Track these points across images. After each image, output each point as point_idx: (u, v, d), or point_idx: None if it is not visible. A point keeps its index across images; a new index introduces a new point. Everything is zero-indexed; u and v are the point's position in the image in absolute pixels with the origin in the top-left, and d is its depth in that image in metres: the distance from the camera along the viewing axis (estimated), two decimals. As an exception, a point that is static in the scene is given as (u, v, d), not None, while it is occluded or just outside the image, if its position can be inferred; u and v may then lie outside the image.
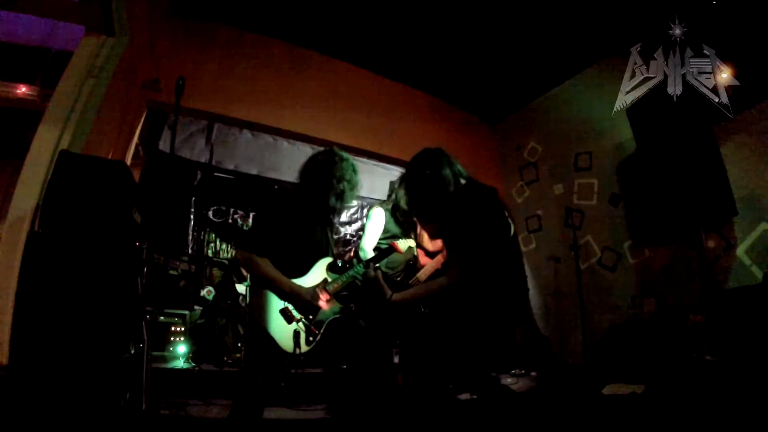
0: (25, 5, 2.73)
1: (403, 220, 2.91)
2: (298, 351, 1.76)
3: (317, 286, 1.91)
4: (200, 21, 3.87)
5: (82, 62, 2.66)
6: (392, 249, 2.29)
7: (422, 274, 2.96)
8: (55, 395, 1.70)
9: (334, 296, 1.96)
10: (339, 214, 2.11)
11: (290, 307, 1.81)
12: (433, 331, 1.98)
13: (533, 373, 4.23)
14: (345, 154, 2.11)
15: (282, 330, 1.77)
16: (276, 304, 1.81)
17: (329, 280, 1.97)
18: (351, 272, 2.02)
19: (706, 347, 2.92)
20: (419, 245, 3.14)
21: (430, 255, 3.20)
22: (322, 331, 1.84)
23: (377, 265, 2.11)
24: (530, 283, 4.89)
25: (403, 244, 2.30)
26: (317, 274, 1.95)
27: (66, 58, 2.74)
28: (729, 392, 2.44)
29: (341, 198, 2.03)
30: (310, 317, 1.83)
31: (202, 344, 3.62)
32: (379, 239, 2.80)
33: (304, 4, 3.78)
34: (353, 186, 2.06)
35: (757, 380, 2.34)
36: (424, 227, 3.53)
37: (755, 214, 3.02)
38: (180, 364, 3.38)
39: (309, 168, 2.07)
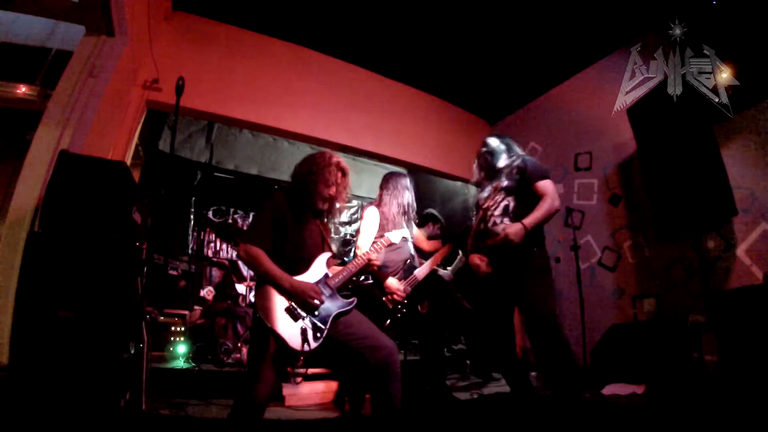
0: (25, 5, 2.73)
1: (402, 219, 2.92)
2: (306, 347, 1.76)
3: (318, 282, 1.92)
4: (200, 20, 3.87)
5: (82, 62, 2.65)
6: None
7: (420, 273, 2.97)
8: (55, 395, 1.70)
9: (336, 291, 1.96)
10: (332, 213, 2.11)
11: (294, 304, 1.82)
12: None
13: (533, 373, 4.23)
14: (336, 158, 2.10)
15: (289, 328, 1.77)
16: (281, 303, 1.81)
17: (330, 275, 1.98)
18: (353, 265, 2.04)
19: (706, 347, 2.92)
20: (416, 246, 3.15)
21: (426, 256, 3.22)
22: (328, 326, 1.85)
23: None
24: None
25: (395, 235, 2.30)
26: (318, 270, 1.96)
27: (66, 58, 2.74)
28: (729, 393, 2.44)
29: (329, 200, 2.04)
30: (315, 313, 1.84)
31: (203, 344, 3.63)
32: (375, 237, 2.80)
33: (304, 4, 3.78)
34: (341, 190, 2.07)
35: (757, 381, 2.34)
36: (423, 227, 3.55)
37: (755, 214, 3.01)
38: (180, 364, 3.38)
39: (300, 168, 2.08)
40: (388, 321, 2.78)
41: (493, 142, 2.57)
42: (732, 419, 2.09)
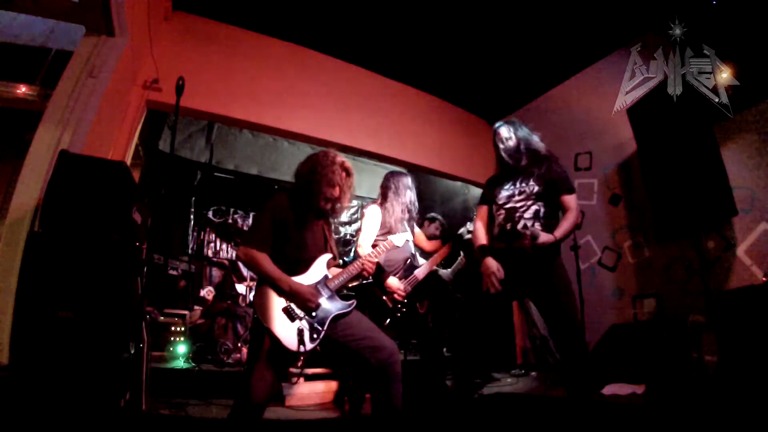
0: (25, 5, 2.73)
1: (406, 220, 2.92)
2: (302, 348, 1.76)
3: (318, 283, 1.92)
4: (200, 20, 3.87)
5: (82, 62, 2.65)
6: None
7: (420, 272, 2.97)
8: (55, 395, 1.70)
9: (336, 292, 1.96)
10: (334, 213, 2.09)
11: (292, 305, 1.82)
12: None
13: (533, 373, 4.23)
14: (340, 158, 2.07)
15: (286, 328, 1.77)
16: (278, 303, 1.81)
17: (330, 276, 1.98)
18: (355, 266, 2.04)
19: (706, 347, 2.91)
20: (416, 246, 3.15)
21: (426, 256, 3.22)
22: (326, 327, 1.85)
23: None
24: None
25: (398, 238, 2.30)
26: (318, 271, 1.95)
27: (66, 58, 2.73)
28: (729, 393, 2.44)
29: (333, 201, 2.02)
30: (313, 314, 1.84)
31: (203, 344, 3.63)
32: (377, 237, 2.81)
33: (304, 4, 3.78)
34: (345, 191, 2.04)
35: (757, 381, 2.34)
36: (425, 228, 3.55)
37: (755, 214, 3.01)
38: (180, 364, 3.38)
39: (303, 168, 2.06)
40: (388, 320, 2.78)
41: (512, 140, 2.38)
42: (732, 419, 2.09)
